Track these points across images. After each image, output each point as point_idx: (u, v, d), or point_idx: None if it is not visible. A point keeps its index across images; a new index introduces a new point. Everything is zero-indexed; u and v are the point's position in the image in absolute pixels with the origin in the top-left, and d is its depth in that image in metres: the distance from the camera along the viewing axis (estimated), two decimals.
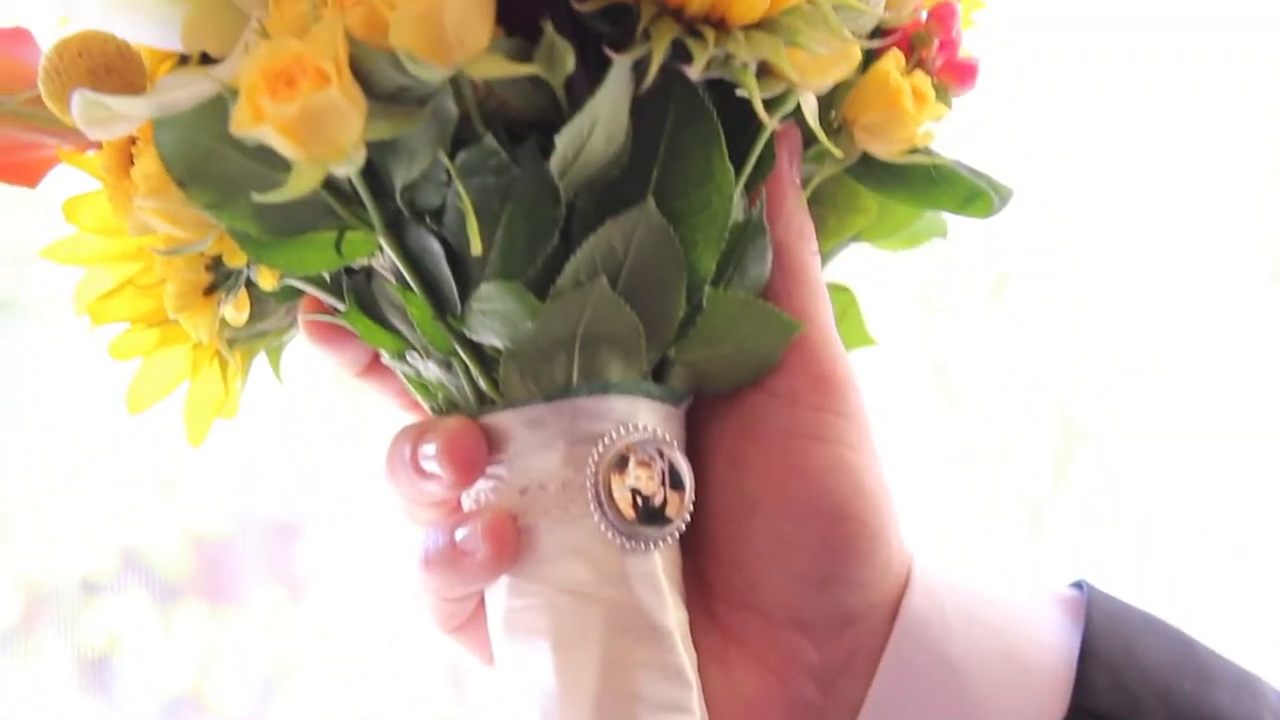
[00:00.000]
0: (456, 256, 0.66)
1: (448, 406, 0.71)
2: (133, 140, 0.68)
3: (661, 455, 0.67)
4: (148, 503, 1.40)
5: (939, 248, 0.84)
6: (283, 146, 0.57)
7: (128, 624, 1.40)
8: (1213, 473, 1.63)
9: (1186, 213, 1.62)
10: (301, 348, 0.79)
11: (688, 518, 0.68)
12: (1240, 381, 1.62)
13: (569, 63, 0.60)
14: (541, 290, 0.65)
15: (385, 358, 0.72)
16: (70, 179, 0.74)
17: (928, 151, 0.71)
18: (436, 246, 0.65)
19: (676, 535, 0.68)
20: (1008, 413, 1.62)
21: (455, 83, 0.60)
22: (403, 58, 0.58)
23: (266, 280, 0.71)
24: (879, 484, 0.69)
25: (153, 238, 0.68)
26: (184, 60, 0.68)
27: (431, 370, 0.70)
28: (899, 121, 0.69)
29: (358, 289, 0.70)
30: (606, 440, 0.66)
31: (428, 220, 0.65)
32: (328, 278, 0.71)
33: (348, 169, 0.59)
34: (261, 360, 0.79)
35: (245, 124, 0.57)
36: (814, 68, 0.65)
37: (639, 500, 0.66)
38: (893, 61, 0.70)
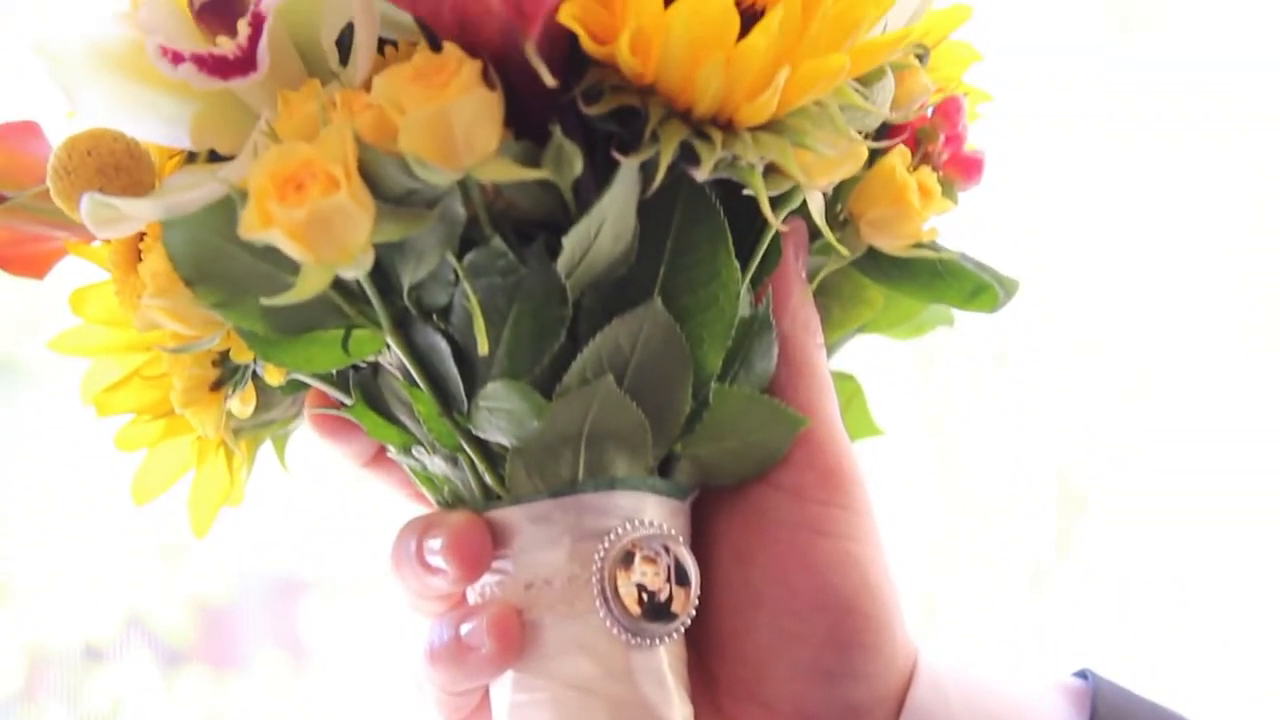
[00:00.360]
0: (463, 354, 0.66)
1: (454, 500, 0.71)
2: (141, 235, 0.68)
3: (667, 551, 0.67)
4: (150, 568, 1.40)
5: None
6: (291, 250, 0.58)
7: (131, 689, 1.40)
8: (1213, 544, 1.63)
9: (1178, 281, 1.63)
10: (307, 434, 0.79)
11: (693, 613, 0.67)
12: (1238, 452, 1.62)
13: (577, 166, 0.60)
14: (548, 387, 0.65)
15: (391, 451, 0.72)
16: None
17: (933, 246, 0.71)
18: (443, 344, 0.65)
19: (682, 630, 0.68)
20: (1008, 484, 1.62)
21: (464, 185, 0.61)
22: (412, 162, 0.58)
23: (274, 376, 0.71)
24: (884, 578, 0.69)
25: (160, 334, 0.68)
26: (192, 157, 0.68)
27: (437, 465, 0.70)
28: (905, 216, 0.70)
29: (364, 384, 0.70)
30: (612, 536, 0.66)
31: (435, 318, 0.65)
32: (334, 373, 0.71)
33: (356, 272, 0.59)
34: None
35: (254, 228, 0.57)
36: (820, 168, 0.66)
37: (645, 596, 0.66)
38: (899, 157, 0.70)
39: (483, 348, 0.63)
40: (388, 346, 0.67)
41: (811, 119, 0.62)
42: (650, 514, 0.67)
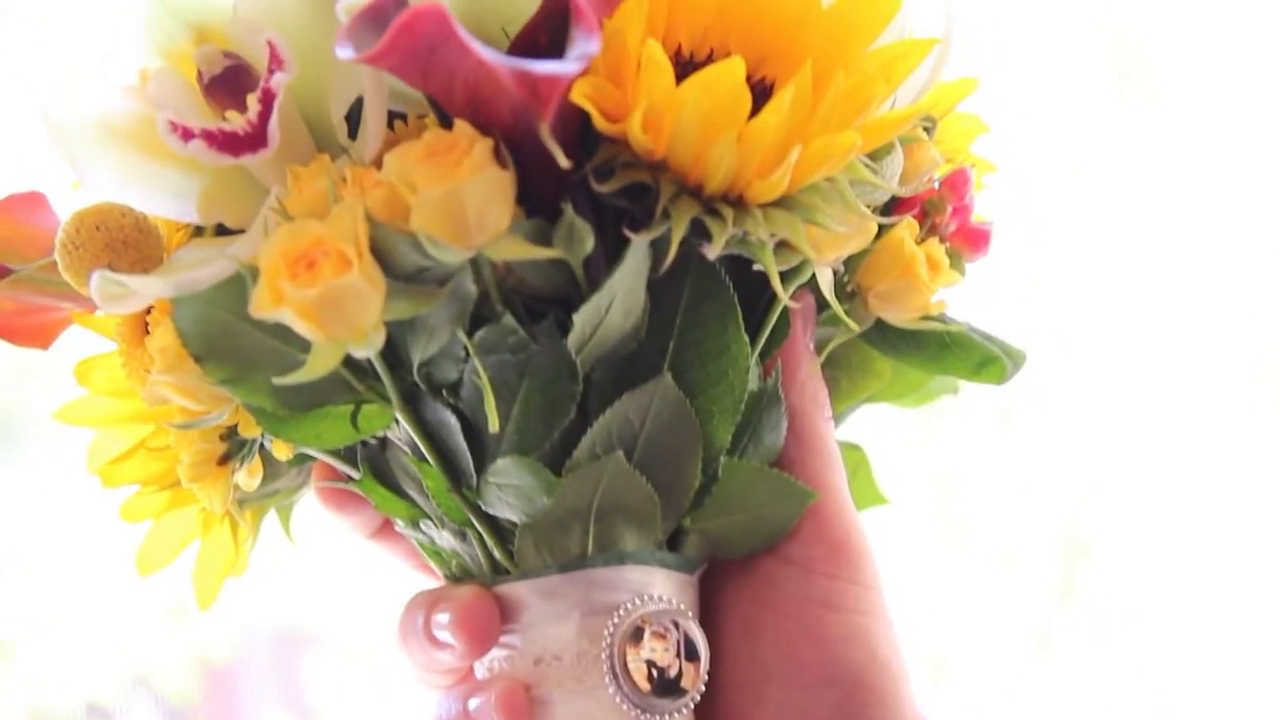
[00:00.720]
0: (473, 429, 0.65)
1: (461, 574, 0.71)
2: (149, 308, 0.68)
3: (677, 626, 0.67)
4: (155, 626, 1.39)
5: None
6: (303, 329, 0.57)
7: None
8: (1218, 588, 1.63)
9: (1184, 332, 1.63)
10: (312, 499, 0.79)
11: (703, 688, 0.67)
12: (1242, 499, 1.62)
13: (588, 243, 0.60)
14: (558, 462, 0.65)
15: (399, 525, 0.72)
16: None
17: (941, 318, 0.71)
18: (453, 420, 0.65)
19: (691, 706, 0.67)
20: (1014, 540, 1.61)
21: (475, 263, 0.60)
22: (424, 240, 0.58)
23: (281, 451, 0.70)
24: (894, 652, 0.69)
25: (167, 408, 0.68)
26: (199, 229, 0.68)
27: (446, 539, 0.70)
28: (913, 289, 0.69)
29: (372, 458, 0.70)
30: (622, 611, 0.66)
31: (444, 394, 0.65)
32: (342, 447, 0.71)
33: (367, 351, 0.59)
34: None
35: (265, 307, 0.57)
36: (830, 243, 0.65)
37: (654, 672, 0.66)
38: (907, 229, 0.70)
39: (493, 424, 0.63)
40: (396, 422, 0.67)
41: (822, 195, 0.62)
42: (659, 588, 0.67)
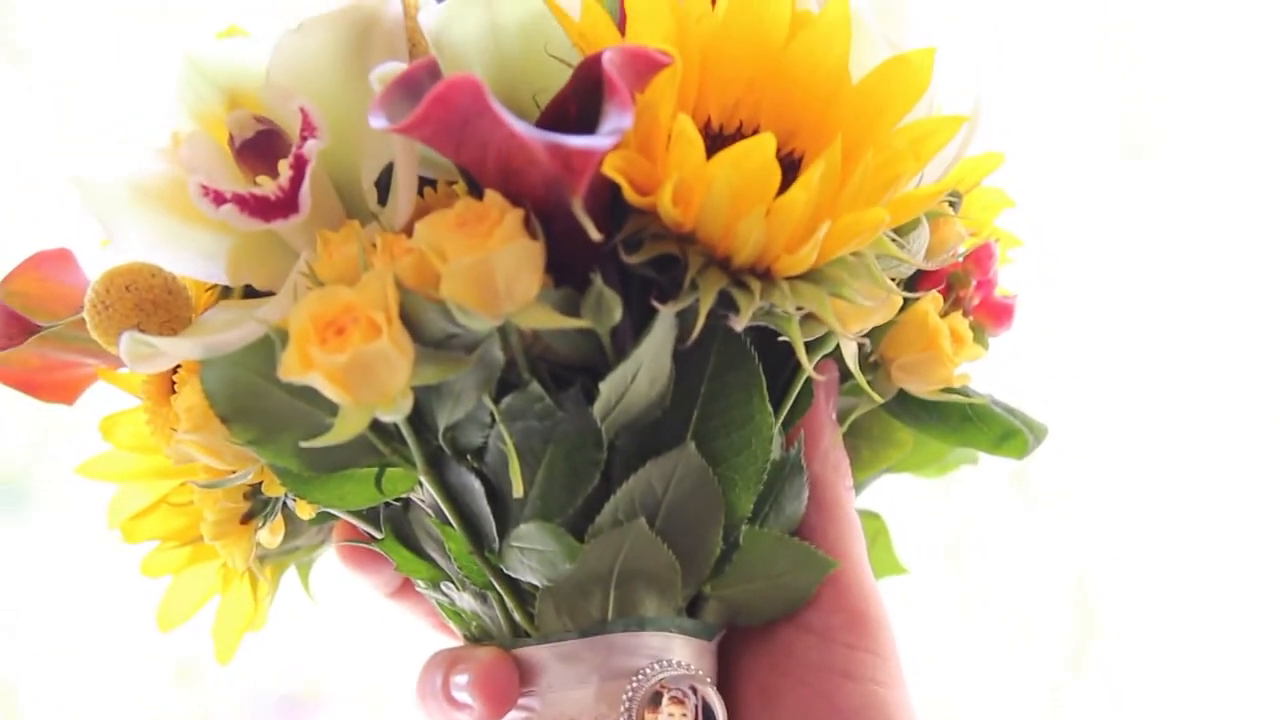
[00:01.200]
0: (496, 493, 0.66)
1: (481, 636, 0.71)
2: (175, 366, 0.68)
3: (695, 692, 0.67)
4: (161, 688, 1.39)
5: None
6: (331, 393, 0.57)
7: None
8: (1231, 656, 1.63)
9: (1197, 396, 1.63)
10: (327, 564, 0.79)
11: None
12: (1256, 564, 1.62)
13: (616, 314, 0.60)
14: (580, 527, 0.65)
15: (419, 585, 0.72)
16: None
17: (963, 390, 0.72)
18: (477, 484, 0.65)
19: None
20: (1026, 604, 1.61)
21: (503, 331, 0.61)
22: (453, 308, 0.58)
23: (305, 511, 0.71)
24: None
25: (192, 468, 0.68)
26: (227, 289, 0.68)
27: (466, 600, 0.70)
28: (937, 362, 0.70)
29: (394, 519, 0.70)
30: (640, 676, 0.66)
31: (469, 458, 0.65)
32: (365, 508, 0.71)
33: (395, 415, 0.59)
34: None
35: (294, 371, 0.57)
36: (855, 316, 0.66)
37: None
38: (931, 302, 0.70)
39: (517, 490, 0.63)
40: (420, 484, 0.67)
41: (849, 269, 0.63)
42: (678, 654, 0.67)
